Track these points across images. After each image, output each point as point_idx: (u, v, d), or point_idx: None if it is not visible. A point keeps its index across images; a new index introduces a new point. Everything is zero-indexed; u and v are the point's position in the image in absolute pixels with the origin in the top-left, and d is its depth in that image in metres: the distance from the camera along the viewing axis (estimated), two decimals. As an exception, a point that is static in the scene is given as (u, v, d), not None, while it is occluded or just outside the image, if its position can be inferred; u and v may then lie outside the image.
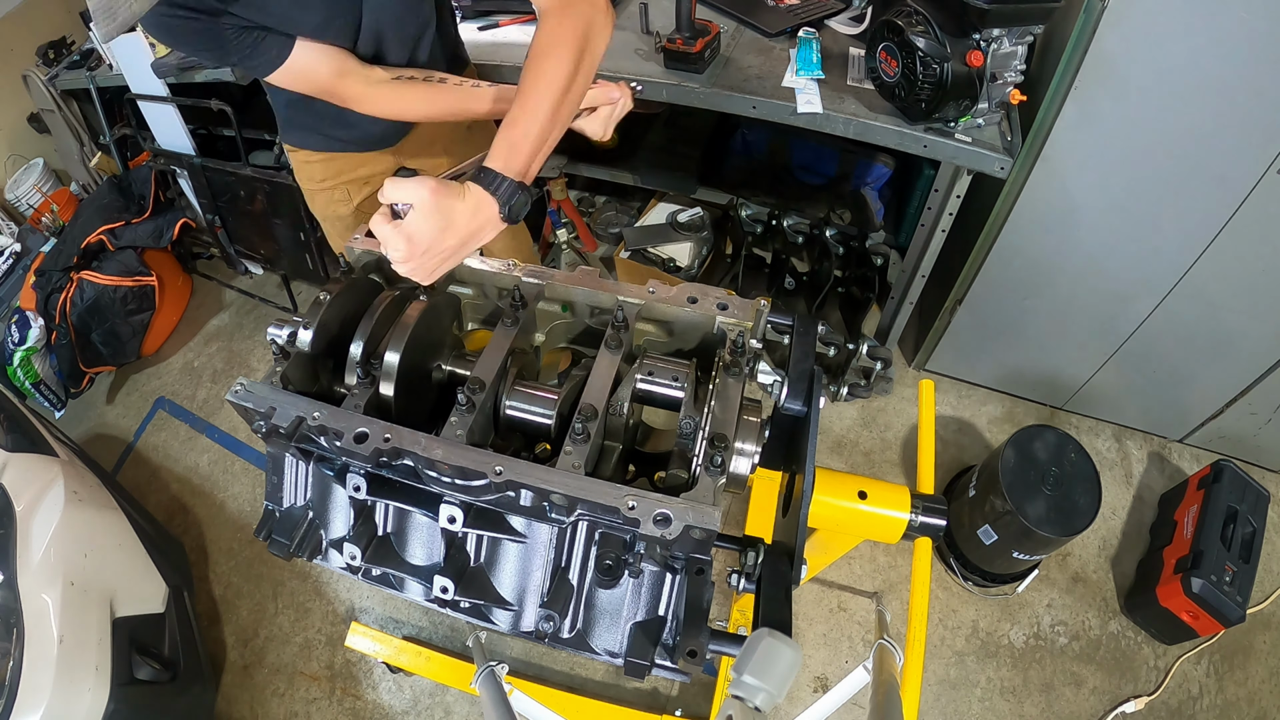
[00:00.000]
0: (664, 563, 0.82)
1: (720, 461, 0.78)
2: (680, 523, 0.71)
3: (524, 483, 0.76)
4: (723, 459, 0.78)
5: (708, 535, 0.72)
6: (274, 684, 2.14)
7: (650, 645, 0.81)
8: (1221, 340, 1.91)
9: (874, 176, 2.48)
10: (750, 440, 0.86)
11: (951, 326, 2.26)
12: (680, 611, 0.81)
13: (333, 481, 0.91)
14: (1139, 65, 1.48)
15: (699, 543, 0.74)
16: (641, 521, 0.72)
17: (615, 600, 0.85)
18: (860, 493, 1.00)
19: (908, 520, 1.00)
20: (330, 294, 0.92)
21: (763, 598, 0.86)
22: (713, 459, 0.78)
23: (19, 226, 3.29)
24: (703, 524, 0.71)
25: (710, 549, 0.77)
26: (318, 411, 0.81)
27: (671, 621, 0.83)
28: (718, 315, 0.95)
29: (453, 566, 0.86)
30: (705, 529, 0.72)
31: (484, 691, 1.52)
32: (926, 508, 1.01)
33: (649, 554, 0.80)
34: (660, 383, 0.90)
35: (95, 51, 2.83)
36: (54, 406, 2.86)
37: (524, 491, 0.78)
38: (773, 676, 0.69)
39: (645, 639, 0.82)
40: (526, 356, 1.03)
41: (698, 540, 0.73)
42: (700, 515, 0.72)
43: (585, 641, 0.86)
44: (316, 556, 0.94)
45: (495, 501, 0.81)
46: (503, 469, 0.76)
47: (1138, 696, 1.89)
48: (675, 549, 0.76)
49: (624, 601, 0.85)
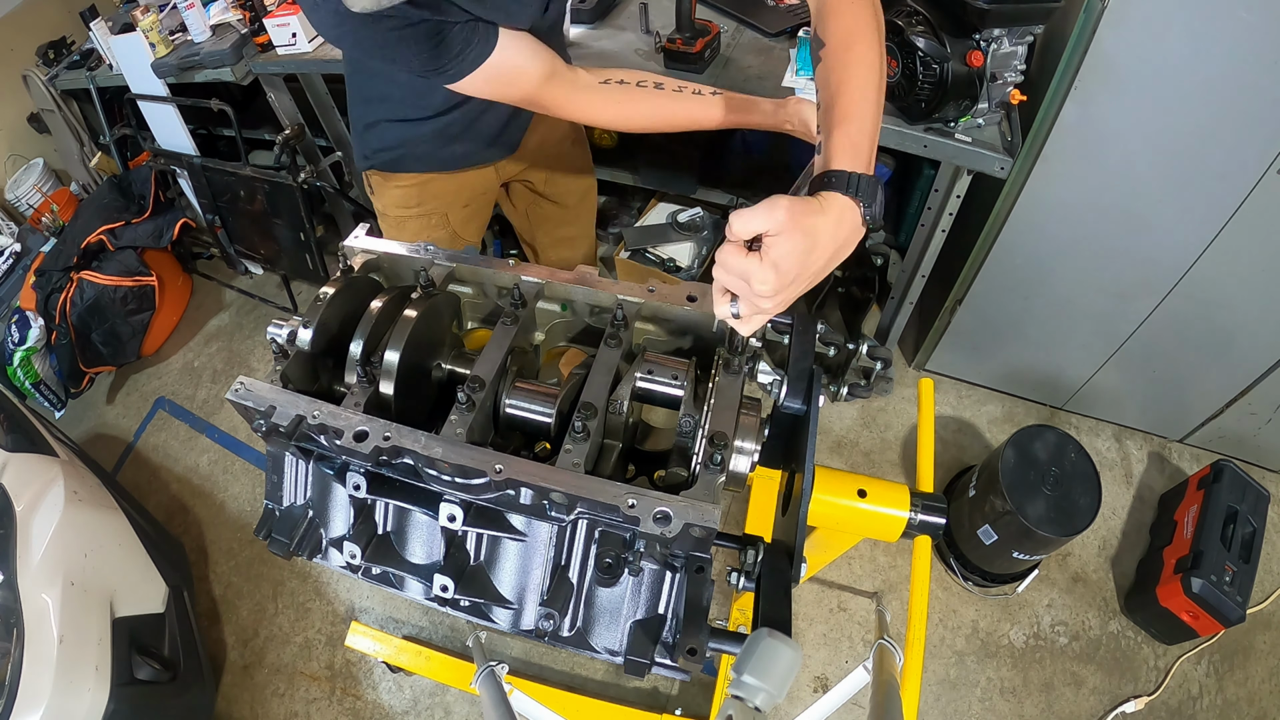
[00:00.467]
0: (664, 561, 0.82)
1: (720, 459, 0.78)
2: (680, 521, 0.71)
3: (524, 481, 0.76)
4: (722, 457, 0.78)
5: (707, 533, 0.72)
6: (274, 684, 2.14)
7: (650, 643, 0.81)
8: (1221, 340, 1.91)
9: (874, 176, 2.48)
10: (750, 439, 0.86)
11: (951, 326, 2.26)
12: (680, 610, 0.81)
13: (332, 480, 0.92)
14: (1139, 65, 1.48)
15: (699, 541, 0.74)
16: (641, 519, 0.72)
17: (615, 599, 0.85)
18: (860, 491, 1.00)
19: (907, 519, 1.00)
20: (330, 293, 0.92)
21: (762, 596, 0.86)
22: (712, 457, 0.78)
23: (19, 226, 3.30)
24: (702, 522, 0.72)
25: (710, 547, 0.77)
26: (317, 410, 0.81)
27: (671, 620, 0.83)
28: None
29: (452, 565, 0.86)
30: (705, 527, 0.72)
31: (484, 691, 1.52)
32: (926, 506, 1.01)
33: (649, 552, 0.80)
34: (660, 381, 0.90)
35: (95, 51, 2.84)
36: (54, 406, 2.87)
37: (524, 490, 0.78)
38: (773, 676, 0.69)
39: (645, 637, 0.82)
40: (526, 355, 1.03)
41: (697, 538, 0.73)
42: (700, 513, 0.72)
43: (585, 640, 0.86)
44: (316, 555, 0.95)
45: (495, 500, 0.81)
46: (503, 467, 0.76)
47: (1138, 696, 1.89)
48: (675, 547, 0.76)
49: (624, 600, 0.85)
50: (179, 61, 2.45)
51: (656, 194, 2.79)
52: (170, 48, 2.51)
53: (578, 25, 2.08)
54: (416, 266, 1.01)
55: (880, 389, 1.05)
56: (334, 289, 0.93)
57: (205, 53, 2.41)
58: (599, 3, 2.11)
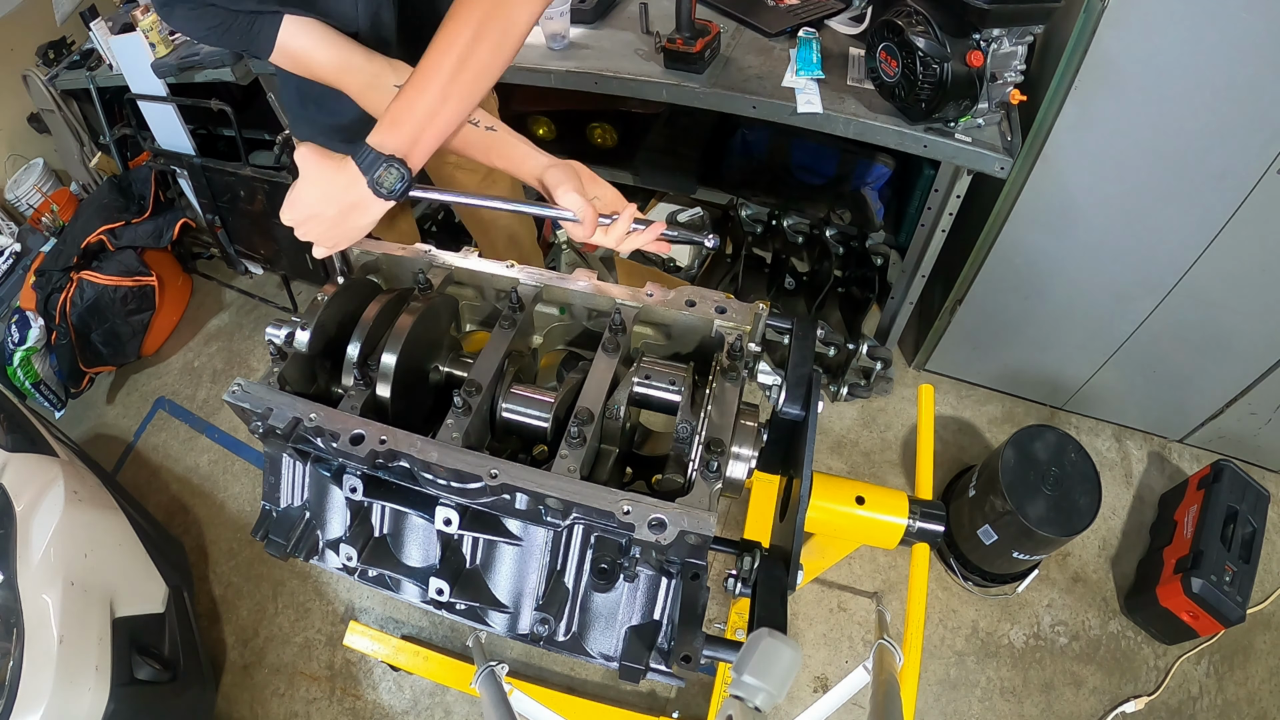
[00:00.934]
0: (659, 567, 0.82)
1: (716, 467, 0.78)
2: (675, 528, 0.71)
3: (519, 486, 0.76)
4: (719, 464, 0.78)
5: (703, 541, 0.72)
6: (274, 684, 2.14)
7: (645, 649, 0.81)
8: (1221, 340, 1.91)
9: (874, 176, 2.48)
10: (747, 445, 0.86)
11: (951, 326, 2.26)
12: (675, 616, 0.81)
13: (330, 482, 0.92)
14: (1139, 65, 1.47)
15: (694, 548, 0.74)
16: (636, 526, 0.72)
17: (610, 604, 0.85)
18: (858, 498, 1.00)
19: (905, 525, 1.00)
20: (328, 295, 0.92)
21: (758, 602, 0.86)
22: (709, 464, 0.78)
23: (19, 226, 3.30)
24: (698, 530, 0.71)
25: (705, 554, 0.77)
26: (314, 413, 0.81)
27: (667, 626, 0.83)
28: (715, 319, 0.95)
29: (448, 568, 0.86)
30: (700, 534, 0.72)
31: (484, 692, 1.52)
32: (924, 513, 1.00)
33: (644, 558, 0.80)
34: (657, 386, 0.90)
35: (95, 51, 2.83)
36: (54, 406, 2.87)
37: (519, 495, 0.78)
38: (773, 676, 0.69)
39: (640, 643, 0.82)
40: (524, 359, 1.03)
41: (693, 545, 0.73)
42: (695, 521, 0.72)
43: (580, 645, 0.86)
44: (313, 557, 0.94)
45: (491, 504, 0.81)
46: (498, 472, 0.76)
47: (1138, 696, 1.89)
48: (670, 554, 0.76)
49: (619, 605, 0.85)
50: (179, 61, 2.45)
51: (656, 194, 2.79)
52: (170, 48, 2.51)
53: (578, 25, 2.07)
54: (415, 268, 1.01)
55: (880, 389, 1.05)
56: (332, 291, 0.93)
57: (205, 53, 2.40)
58: (599, 3, 2.11)
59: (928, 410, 1.32)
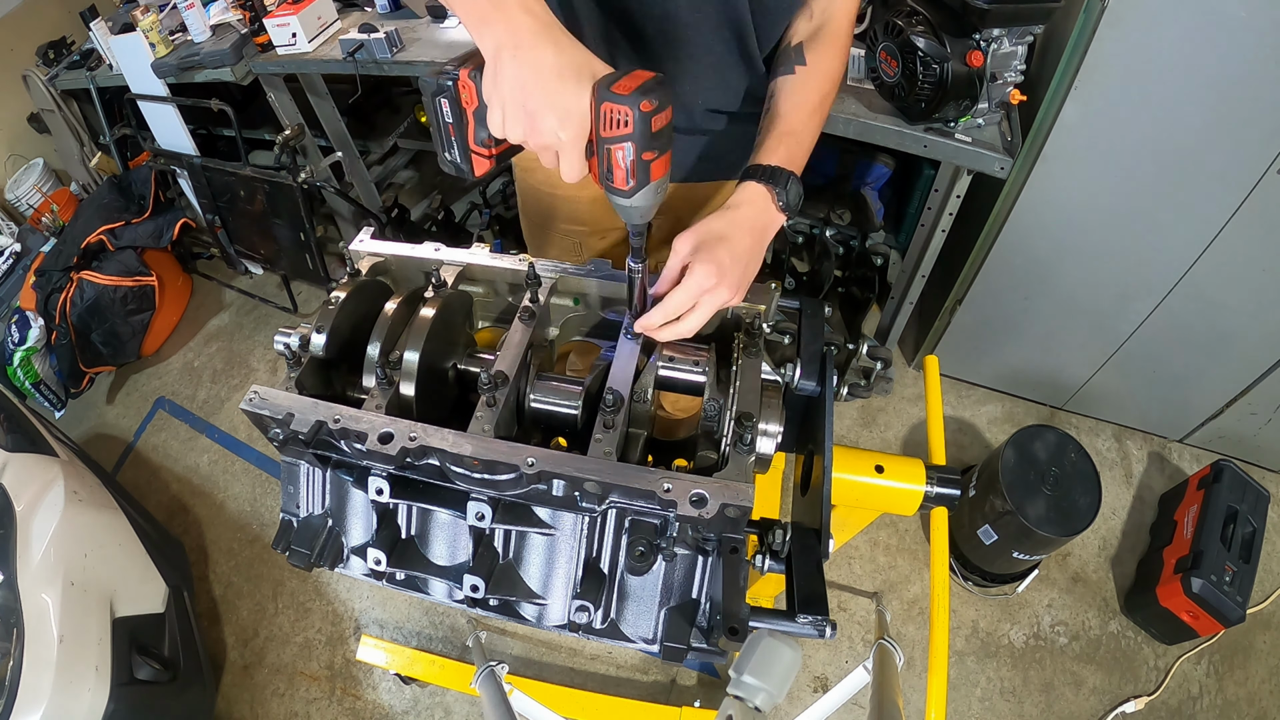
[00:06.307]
0: (696, 545, 0.82)
1: (750, 439, 0.79)
2: (716, 501, 0.72)
3: (558, 472, 0.76)
4: (751, 436, 0.79)
5: (742, 513, 0.73)
6: (274, 684, 2.14)
7: (686, 628, 0.81)
8: (1221, 340, 1.91)
9: (874, 176, 2.48)
10: (773, 420, 0.87)
11: (951, 326, 2.26)
12: (716, 593, 0.81)
13: (352, 487, 0.91)
14: (1139, 65, 1.48)
15: (733, 521, 0.75)
16: (678, 503, 0.72)
17: (646, 587, 0.85)
18: (877, 467, 1.03)
19: (924, 491, 1.02)
20: (340, 297, 0.91)
21: (795, 574, 0.86)
22: (741, 437, 0.79)
23: (19, 226, 3.30)
24: (737, 501, 0.72)
25: (743, 527, 0.77)
26: (338, 415, 0.80)
27: (705, 604, 0.83)
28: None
29: (483, 564, 0.85)
30: (740, 506, 0.72)
31: (484, 691, 1.52)
32: (941, 478, 1.03)
33: (681, 538, 0.81)
34: (682, 369, 0.91)
35: (95, 51, 2.84)
36: (54, 406, 2.87)
37: (556, 481, 0.78)
38: (773, 676, 0.69)
39: (682, 622, 0.82)
40: (544, 350, 1.03)
41: (732, 519, 0.74)
42: (734, 493, 0.73)
43: (618, 630, 0.85)
44: (338, 565, 0.93)
45: (524, 495, 0.81)
46: (535, 460, 0.76)
47: (1138, 696, 1.89)
48: (709, 529, 0.76)
49: (656, 588, 0.85)
50: (179, 61, 2.46)
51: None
52: (170, 48, 2.52)
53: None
54: (425, 268, 1.01)
55: (880, 389, 1.06)
56: (344, 293, 0.92)
57: (205, 53, 2.41)
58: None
59: (934, 380, 1.34)
